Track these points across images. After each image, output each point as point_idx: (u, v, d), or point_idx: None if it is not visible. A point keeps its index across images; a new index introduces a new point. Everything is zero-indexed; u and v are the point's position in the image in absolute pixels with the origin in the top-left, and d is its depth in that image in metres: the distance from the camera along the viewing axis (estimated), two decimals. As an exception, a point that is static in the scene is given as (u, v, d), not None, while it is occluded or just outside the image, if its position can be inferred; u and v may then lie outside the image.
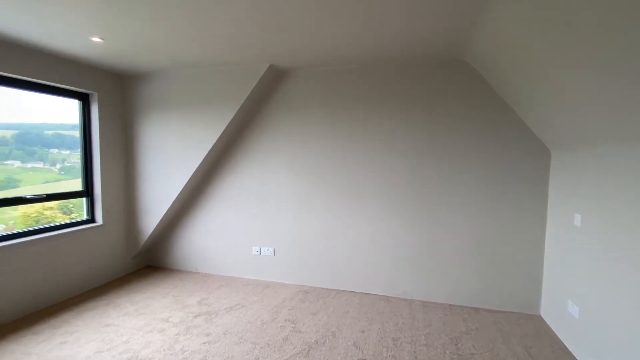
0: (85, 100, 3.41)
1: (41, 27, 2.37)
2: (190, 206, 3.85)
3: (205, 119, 3.43)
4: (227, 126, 3.37)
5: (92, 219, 3.51)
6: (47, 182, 3.34)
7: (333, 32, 2.42)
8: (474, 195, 3.01)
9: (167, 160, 3.62)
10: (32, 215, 3.19)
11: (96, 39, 2.57)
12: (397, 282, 3.25)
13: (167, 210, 3.67)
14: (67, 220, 3.35)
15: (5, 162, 3.03)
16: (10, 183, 3.03)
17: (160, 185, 3.66)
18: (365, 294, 3.30)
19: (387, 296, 3.25)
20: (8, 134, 3.08)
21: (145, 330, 2.59)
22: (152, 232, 3.77)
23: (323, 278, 3.45)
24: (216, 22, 2.27)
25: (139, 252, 3.90)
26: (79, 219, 3.42)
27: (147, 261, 4.11)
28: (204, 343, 2.42)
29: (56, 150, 3.47)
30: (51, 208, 3.35)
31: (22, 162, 3.16)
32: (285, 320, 2.77)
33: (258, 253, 3.63)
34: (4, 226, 2.98)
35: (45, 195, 3.07)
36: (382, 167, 3.21)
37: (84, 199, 3.49)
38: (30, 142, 3.27)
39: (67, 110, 3.40)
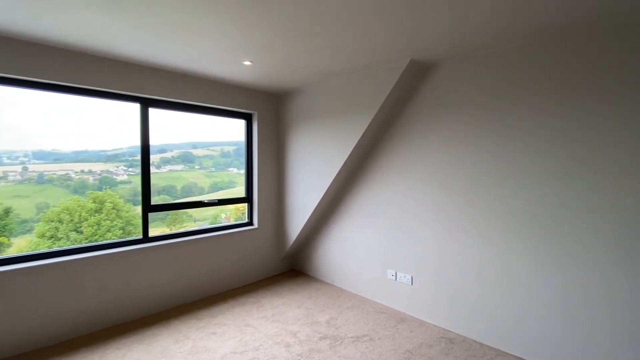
0: (248, 119, 3.93)
1: (209, 59, 2.80)
2: (329, 217, 3.80)
3: (341, 130, 3.29)
4: (363, 135, 3.10)
5: (250, 222, 4.00)
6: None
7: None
8: None
9: (309, 171, 3.71)
10: (240, 209, 4.19)
11: (247, 63, 2.83)
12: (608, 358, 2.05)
13: (309, 219, 3.75)
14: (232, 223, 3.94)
15: (229, 169, 4.03)
16: (231, 184, 4.03)
17: (303, 194, 3.79)
18: (545, 368, 2.27)
19: (587, 383, 2.11)
20: (231, 149, 4.18)
21: (275, 340, 2.63)
22: (297, 238, 3.96)
23: (478, 327, 2.62)
24: (354, 23, 2.02)
25: (286, 255, 4.18)
26: (241, 222, 3.97)
27: (292, 264, 4.37)
28: (321, 375, 2.20)
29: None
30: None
31: (238, 169, 4.16)
32: (418, 375, 2.20)
33: (393, 277, 3.16)
34: (224, 215, 3.96)
35: (217, 200, 3.70)
36: (596, 189, 2.12)
37: (246, 204, 4.03)
38: (243, 155, 4.12)
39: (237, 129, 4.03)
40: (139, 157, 3.16)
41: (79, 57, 2.59)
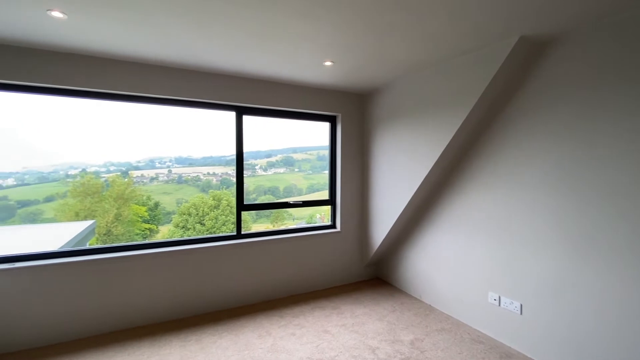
0: (332, 121, 3.90)
1: (292, 63, 2.85)
2: (417, 225, 3.46)
3: (431, 128, 2.94)
4: (457, 133, 2.69)
5: (333, 225, 3.96)
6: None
7: None
8: None
9: (394, 174, 3.45)
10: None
11: (328, 63, 2.78)
12: None
13: (394, 225, 3.49)
14: (315, 224, 3.97)
15: (324, 171, 4.16)
16: (326, 186, 4.14)
17: (388, 198, 3.55)
18: None
19: None
20: (326, 152, 4.22)
21: (352, 353, 2.49)
22: (381, 245, 3.74)
23: (620, 385, 1.95)
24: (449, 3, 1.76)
25: (369, 262, 4.00)
26: (323, 224, 3.96)
27: (376, 272, 4.15)
28: (400, 404, 1.95)
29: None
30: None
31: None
32: None
33: (496, 302, 2.65)
34: (319, 215, 4.21)
35: (301, 202, 3.77)
36: None
37: (329, 207, 4.01)
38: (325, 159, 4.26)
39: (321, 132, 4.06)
40: (252, 161, 3.45)
41: (184, 74, 2.96)
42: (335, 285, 3.86)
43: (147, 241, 3.07)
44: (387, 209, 3.58)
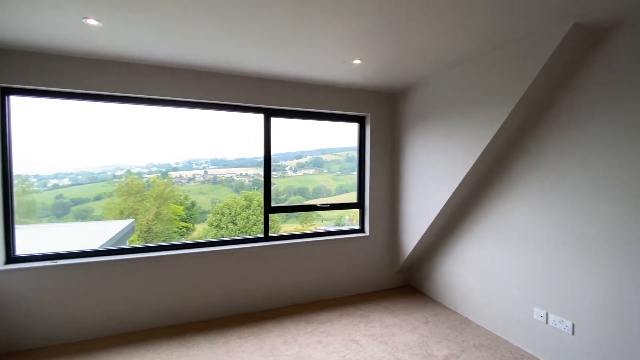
0: (361, 122, 3.78)
1: (319, 63, 2.78)
2: (451, 231, 3.24)
3: (469, 127, 2.73)
4: (498, 133, 2.47)
5: (362, 229, 3.83)
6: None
7: None
8: None
9: (427, 177, 3.27)
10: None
11: (356, 61, 2.68)
12: None
13: (427, 230, 3.30)
14: (343, 228, 3.87)
15: (353, 172, 4.09)
16: (354, 187, 4.02)
17: (420, 203, 3.36)
18: None
19: None
20: (355, 153, 4.14)
21: (381, 365, 2.36)
22: (412, 251, 3.55)
23: None
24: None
25: (400, 268, 3.82)
26: (351, 227, 3.85)
27: (407, 279, 3.96)
28: None
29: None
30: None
31: None
32: None
33: (543, 319, 2.39)
34: (348, 217, 4.17)
35: (329, 205, 3.69)
36: None
37: (358, 210, 3.88)
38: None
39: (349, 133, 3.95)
40: (282, 163, 3.48)
41: (213, 77, 2.98)
42: (363, 291, 3.73)
43: (177, 242, 3.13)
44: (419, 213, 3.39)
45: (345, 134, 3.97)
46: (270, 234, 3.40)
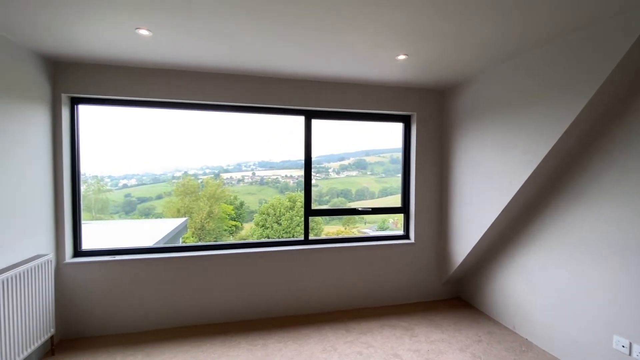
0: (406, 122, 3.58)
1: (362, 60, 2.67)
2: (511, 240, 2.91)
3: (529, 127, 2.42)
4: (567, 132, 2.15)
5: (406, 235, 3.62)
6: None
7: None
8: None
9: (481, 180, 2.97)
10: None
11: (401, 57, 2.51)
12: None
13: (481, 239, 3.01)
14: (385, 233, 3.68)
15: (398, 174, 4.01)
16: (399, 190, 3.90)
17: (473, 208, 3.07)
18: None
19: None
20: (400, 155, 4.01)
21: (426, 386, 2.17)
22: (464, 261, 3.26)
23: None
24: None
25: (449, 279, 3.54)
26: (395, 233, 3.65)
27: (457, 291, 3.66)
28: None
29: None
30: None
31: None
32: None
33: (625, 350, 2.01)
34: (392, 220, 4.02)
35: (370, 209, 3.54)
36: None
37: (402, 215, 3.68)
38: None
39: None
40: (325, 165, 3.47)
41: (255, 81, 3.02)
42: (408, 302, 3.51)
43: (220, 242, 3.22)
44: (472, 220, 3.10)
45: (390, 135, 3.80)
46: (310, 237, 3.36)
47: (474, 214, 3.07)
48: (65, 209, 2.70)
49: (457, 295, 3.65)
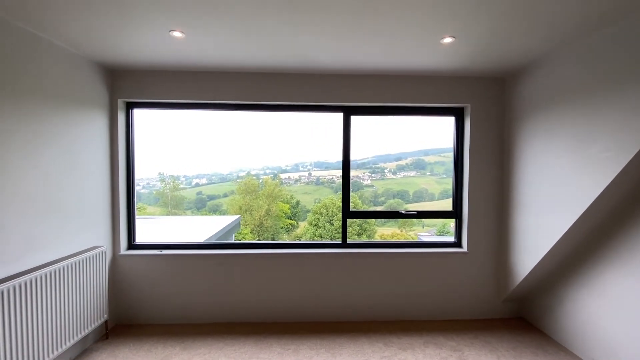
0: (458, 115, 3.18)
1: (402, 46, 2.42)
2: (590, 255, 2.38)
3: (615, 118, 1.93)
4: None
5: (458, 243, 3.22)
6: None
7: None
8: None
9: (552, 181, 2.49)
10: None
11: (447, 40, 2.21)
12: None
13: (550, 252, 2.53)
14: (434, 239, 3.33)
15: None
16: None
17: (542, 214, 2.59)
18: None
19: None
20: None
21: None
22: (528, 276, 2.78)
23: None
24: None
25: (509, 296, 3.06)
26: (445, 240, 3.28)
27: (519, 311, 3.15)
28: None
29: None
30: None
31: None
32: None
33: None
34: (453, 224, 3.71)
35: (416, 212, 3.23)
36: None
37: (454, 221, 3.29)
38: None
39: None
40: (381, 165, 3.35)
41: (290, 78, 2.95)
42: (457, 318, 3.12)
43: (260, 242, 3.23)
44: (539, 228, 2.62)
45: (452, 133, 3.44)
46: (348, 241, 3.19)
47: (542, 222, 2.58)
48: (120, 206, 2.95)
49: (520, 315, 3.14)
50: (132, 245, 3.10)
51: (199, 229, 6.10)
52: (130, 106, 3.04)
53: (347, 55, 2.51)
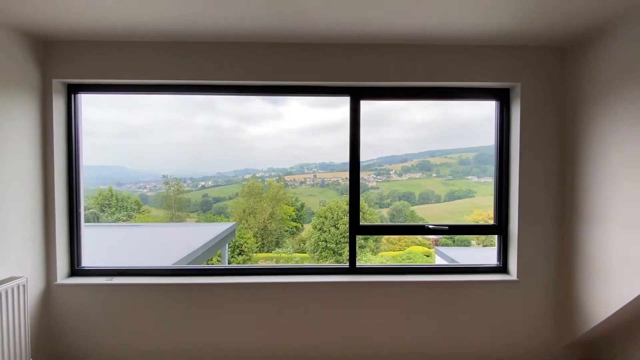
0: (503, 97, 2.41)
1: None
2: None
3: None
4: None
5: (503, 268, 2.44)
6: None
7: None
8: None
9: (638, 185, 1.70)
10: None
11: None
12: None
13: (645, 288, 1.73)
14: (472, 263, 2.55)
15: (467, 177, 3.52)
16: (469, 194, 3.73)
17: (626, 232, 1.80)
18: None
19: None
20: (470, 155, 3.87)
21: None
22: (608, 318, 1.99)
23: None
24: None
25: (577, 340, 2.26)
26: (486, 264, 2.49)
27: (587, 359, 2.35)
28: None
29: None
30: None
31: (477, 177, 4.10)
32: None
33: None
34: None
35: (447, 227, 2.45)
36: None
37: (496, 237, 2.51)
38: (484, 162, 3.54)
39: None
40: (386, 166, 2.77)
41: (289, 49, 2.21)
42: (506, 367, 2.34)
43: (240, 266, 2.49)
44: (623, 251, 1.83)
45: (461, 131, 2.90)
46: (358, 264, 2.43)
47: (630, 241, 1.79)
48: (56, 220, 2.24)
49: (590, 367, 2.34)
50: (75, 270, 2.38)
51: (183, 240, 5.38)
52: (73, 90, 2.34)
53: (356, 12, 1.76)
